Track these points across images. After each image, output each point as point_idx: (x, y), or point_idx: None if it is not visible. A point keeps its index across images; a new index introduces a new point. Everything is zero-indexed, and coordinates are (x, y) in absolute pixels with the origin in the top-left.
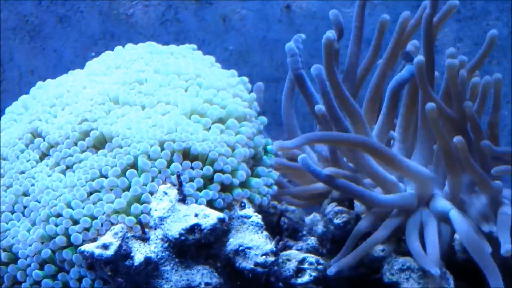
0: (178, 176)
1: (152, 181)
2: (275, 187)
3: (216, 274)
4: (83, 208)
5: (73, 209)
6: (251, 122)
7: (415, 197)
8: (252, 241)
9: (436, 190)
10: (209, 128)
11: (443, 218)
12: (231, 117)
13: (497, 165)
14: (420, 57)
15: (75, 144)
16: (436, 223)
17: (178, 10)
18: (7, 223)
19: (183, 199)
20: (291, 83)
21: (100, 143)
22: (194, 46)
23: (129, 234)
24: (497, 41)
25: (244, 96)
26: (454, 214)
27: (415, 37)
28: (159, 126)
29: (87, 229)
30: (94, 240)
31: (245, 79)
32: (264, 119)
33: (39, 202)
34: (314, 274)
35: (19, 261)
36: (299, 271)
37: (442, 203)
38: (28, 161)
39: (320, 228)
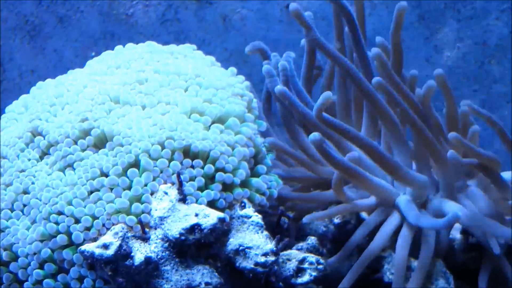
0: (178, 176)
1: (153, 180)
2: (275, 190)
3: (216, 274)
4: (84, 207)
5: (75, 208)
6: (250, 121)
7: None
8: (252, 241)
9: (431, 194)
10: (209, 127)
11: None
12: (230, 116)
13: None
14: None
15: (75, 143)
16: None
17: (178, 10)
18: (6, 221)
19: (183, 198)
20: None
21: (101, 142)
22: (194, 46)
23: (129, 234)
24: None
25: (243, 94)
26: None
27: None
28: (159, 126)
29: (88, 228)
30: (95, 239)
31: (242, 77)
32: (264, 123)
33: (40, 200)
34: (314, 273)
35: (19, 260)
36: (300, 270)
37: (440, 201)
38: (28, 160)
39: (320, 227)
